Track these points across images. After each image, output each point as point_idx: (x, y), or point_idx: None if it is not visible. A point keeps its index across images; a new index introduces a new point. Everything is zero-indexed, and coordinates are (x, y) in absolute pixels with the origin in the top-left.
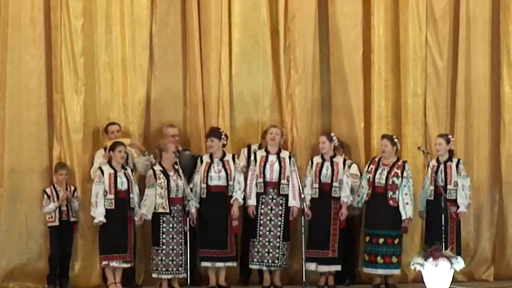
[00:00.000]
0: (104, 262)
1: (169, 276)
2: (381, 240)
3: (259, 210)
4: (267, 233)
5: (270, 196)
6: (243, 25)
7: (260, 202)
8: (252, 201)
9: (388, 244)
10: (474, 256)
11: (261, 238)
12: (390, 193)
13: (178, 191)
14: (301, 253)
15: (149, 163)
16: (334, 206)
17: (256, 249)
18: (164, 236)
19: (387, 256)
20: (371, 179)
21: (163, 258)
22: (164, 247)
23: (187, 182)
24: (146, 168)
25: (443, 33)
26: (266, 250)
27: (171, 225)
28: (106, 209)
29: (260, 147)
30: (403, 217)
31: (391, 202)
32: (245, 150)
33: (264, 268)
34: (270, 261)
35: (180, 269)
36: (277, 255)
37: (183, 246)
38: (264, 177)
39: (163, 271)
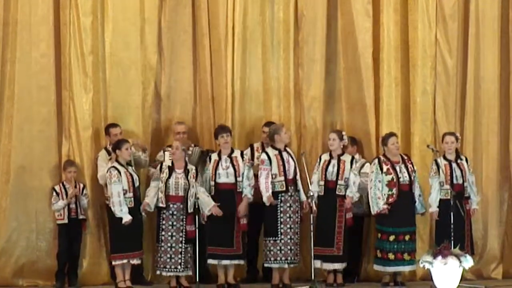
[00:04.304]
0: (124, 261)
1: (169, 274)
2: (407, 237)
3: (279, 208)
4: (288, 230)
5: (289, 193)
6: (249, 22)
7: (280, 200)
8: (269, 193)
9: (412, 240)
10: (482, 254)
11: (283, 236)
12: (412, 188)
13: (178, 190)
14: (308, 250)
15: (148, 160)
16: (339, 204)
17: (278, 248)
18: (163, 233)
19: (413, 252)
20: (394, 179)
21: (162, 255)
22: (162, 244)
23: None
24: (146, 163)
25: (453, 32)
26: (289, 247)
27: (170, 223)
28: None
29: (263, 146)
30: (422, 211)
31: (414, 197)
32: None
33: (286, 266)
34: (292, 258)
35: (179, 267)
36: (296, 251)
37: (183, 244)
38: (285, 175)
39: (161, 267)
